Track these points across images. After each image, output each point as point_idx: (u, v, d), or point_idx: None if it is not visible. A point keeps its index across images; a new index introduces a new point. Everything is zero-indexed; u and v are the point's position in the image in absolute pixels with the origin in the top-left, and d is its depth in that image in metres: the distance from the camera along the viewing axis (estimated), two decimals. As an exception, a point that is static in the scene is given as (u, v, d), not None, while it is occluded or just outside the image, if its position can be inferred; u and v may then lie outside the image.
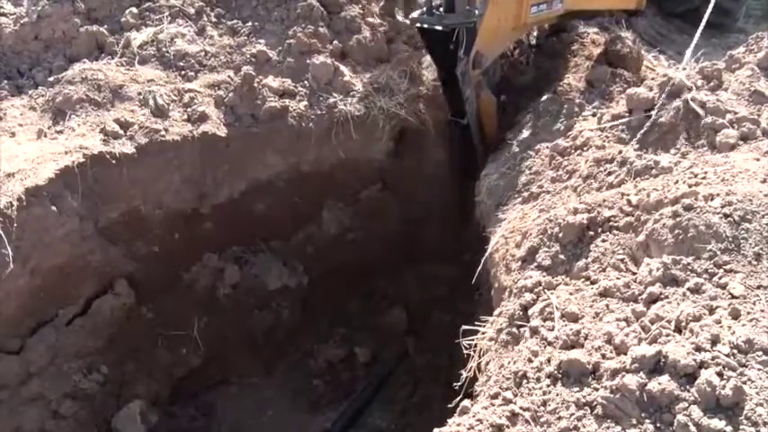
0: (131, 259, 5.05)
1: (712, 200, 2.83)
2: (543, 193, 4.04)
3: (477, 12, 4.46)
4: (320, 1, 5.74)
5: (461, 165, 5.52)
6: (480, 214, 4.69)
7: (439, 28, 4.50)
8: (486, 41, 4.72)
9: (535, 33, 6.22)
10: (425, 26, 4.62)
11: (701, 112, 3.74)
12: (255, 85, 5.17)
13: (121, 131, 4.71)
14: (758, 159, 3.29)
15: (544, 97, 4.97)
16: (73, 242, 4.50)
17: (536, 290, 3.06)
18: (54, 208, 4.28)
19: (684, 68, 4.32)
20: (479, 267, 4.03)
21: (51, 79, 5.08)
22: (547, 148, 4.36)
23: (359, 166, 5.65)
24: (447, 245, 6.05)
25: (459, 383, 3.27)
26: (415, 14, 4.85)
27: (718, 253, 2.66)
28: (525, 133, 4.75)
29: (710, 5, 5.06)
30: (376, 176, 5.87)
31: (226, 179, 5.29)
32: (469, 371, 3.28)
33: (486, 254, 4.02)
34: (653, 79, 4.64)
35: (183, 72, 5.38)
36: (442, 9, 4.54)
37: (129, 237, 4.97)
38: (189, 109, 5.07)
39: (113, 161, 4.56)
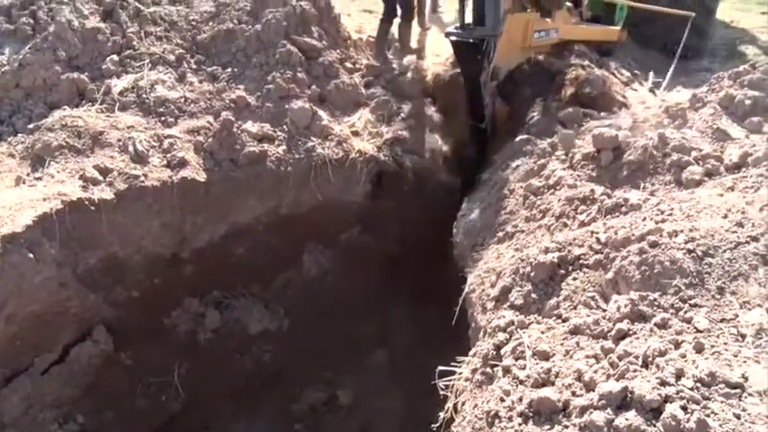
0: (110, 305, 5.03)
1: (676, 236, 2.89)
2: (518, 232, 4.10)
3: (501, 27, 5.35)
4: (298, 47, 5.86)
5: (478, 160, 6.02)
6: (457, 254, 4.73)
7: (470, 40, 5.34)
8: (502, 56, 5.67)
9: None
10: (458, 39, 5.48)
11: (667, 149, 3.85)
12: (234, 130, 5.24)
13: (101, 178, 4.74)
14: (722, 195, 3.38)
15: (518, 137, 5.07)
16: (50, 289, 4.49)
17: (509, 329, 3.09)
18: (31, 255, 4.27)
19: (650, 107, 4.45)
20: (458, 308, 4.05)
21: (31, 126, 5.12)
22: (521, 187, 4.44)
23: (338, 208, 5.71)
24: (429, 285, 6.06)
25: (437, 425, 3.27)
26: (449, 29, 5.67)
27: (683, 288, 2.71)
28: (500, 173, 4.83)
29: (680, 47, 6.76)
30: (355, 219, 5.92)
31: (206, 223, 5.32)
32: (446, 411, 3.28)
33: (463, 294, 4.05)
34: (623, 118, 4.76)
35: (162, 118, 5.44)
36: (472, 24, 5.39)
37: (108, 283, 4.96)
38: (168, 155, 5.11)
39: (92, 207, 4.58)
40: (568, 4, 6.80)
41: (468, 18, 5.46)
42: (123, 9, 6.14)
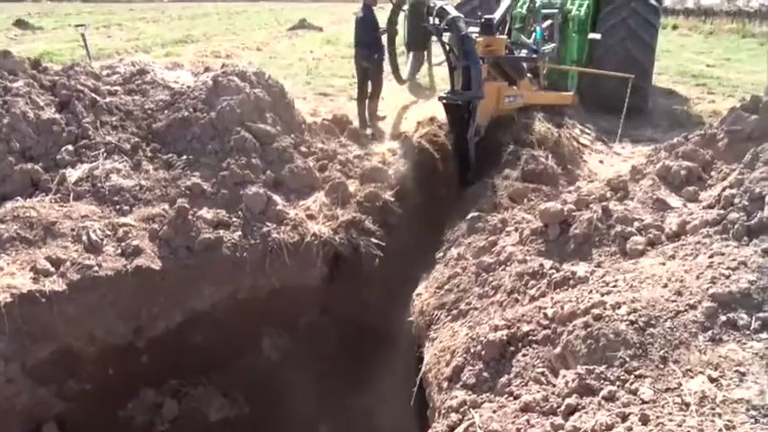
0: (62, 399, 4.90)
1: (619, 308, 2.97)
2: (472, 309, 4.15)
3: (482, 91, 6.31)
4: (253, 133, 5.99)
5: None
6: (415, 333, 4.75)
7: (459, 102, 6.27)
8: (482, 117, 6.60)
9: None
10: (449, 102, 6.41)
11: (611, 221, 3.99)
12: (190, 217, 5.27)
13: (53, 269, 4.70)
14: (663, 264, 3.50)
15: (470, 215, 5.20)
16: (-3, 385, 4.36)
17: (461, 409, 3.09)
18: (-23, 351, 4.17)
19: (594, 181, 4.62)
20: (415, 388, 4.04)
21: (-18, 218, 5.08)
22: (473, 264, 4.52)
23: (295, 292, 5.70)
24: (391, 365, 6.02)
25: None
26: (442, 94, 6.63)
27: (628, 359, 2.77)
28: (453, 251, 4.92)
29: (624, 111, 8.54)
30: (313, 302, 5.91)
31: (162, 311, 5.27)
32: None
33: (420, 374, 4.05)
34: (569, 192, 4.94)
35: (117, 206, 5.46)
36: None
37: (59, 376, 4.84)
38: (123, 243, 5.10)
39: (43, 299, 4.51)
40: (529, 75, 8.00)
41: (457, 85, 6.44)
42: (79, 100, 6.24)
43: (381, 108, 9.67)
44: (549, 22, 9.76)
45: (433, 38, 7.28)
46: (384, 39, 9.27)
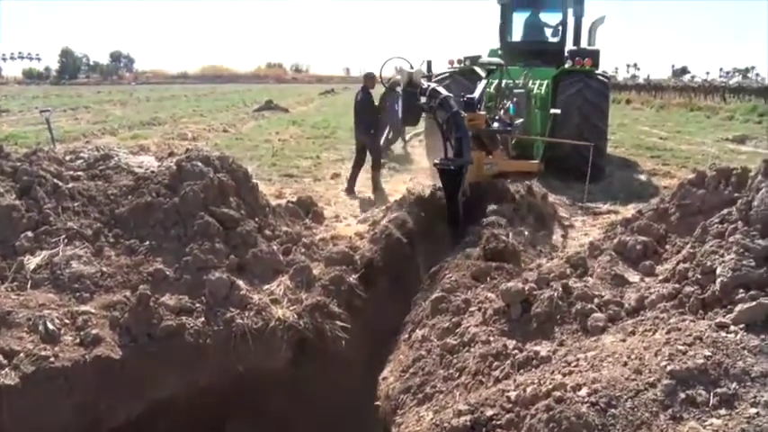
0: (10, 502, 4.64)
1: (580, 389, 2.98)
2: (437, 393, 4.11)
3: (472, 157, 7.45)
4: (216, 218, 6.00)
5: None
6: (381, 419, 4.67)
7: (452, 167, 7.16)
8: (469, 179, 7.59)
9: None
10: (444, 167, 7.25)
11: (572, 298, 4.05)
12: (151, 304, 5.19)
13: (5, 361, 4.55)
14: (624, 340, 3.55)
15: (433, 295, 5.21)
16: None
17: (427, 498, 3.03)
18: None
19: (554, 258, 4.70)
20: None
21: (-66, 311, 4.94)
22: (438, 346, 4.51)
23: (260, 378, 5.59)
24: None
25: None
26: (436, 160, 7.52)
27: (591, 443, 2.76)
28: (418, 332, 4.91)
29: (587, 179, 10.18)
30: (279, 387, 5.80)
31: (122, 402, 5.09)
32: None
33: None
34: (530, 270, 5.01)
35: (77, 294, 5.36)
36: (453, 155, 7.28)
37: (9, 476, 4.61)
38: (82, 332, 4.98)
39: (-6, 395, 4.35)
40: (501, 146, 9.38)
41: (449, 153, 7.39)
42: (41, 186, 6.21)
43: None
44: (515, 99, 11.05)
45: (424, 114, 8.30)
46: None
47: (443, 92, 7.51)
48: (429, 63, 8.66)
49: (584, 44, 15.13)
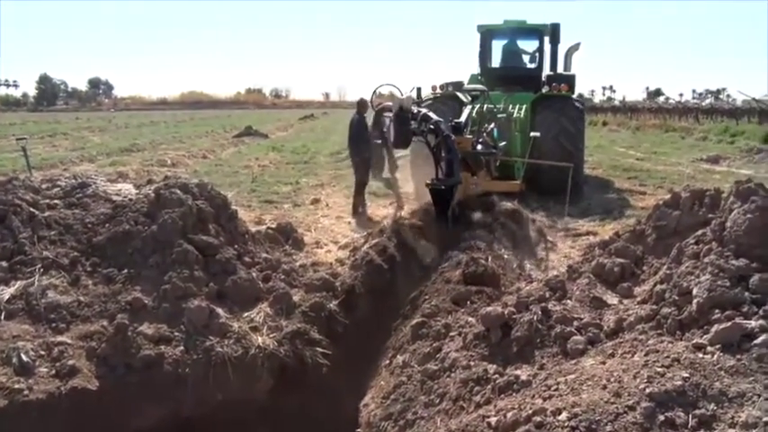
0: None
1: (560, 414, 2.98)
2: (418, 419, 4.09)
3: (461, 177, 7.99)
4: (195, 245, 5.96)
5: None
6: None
7: (443, 187, 7.68)
8: (458, 197, 8.07)
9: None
10: (435, 187, 7.73)
11: (551, 322, 4.06)
12: (129, 333, 5.14)
13: (-23, 396, 4.46)
14: (603, 363, 3.56)
15: (414, 320, 5.21)
16: None
17: None
18: None
19: (533, 282, 4.72)
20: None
21: None
22: (419, 372, 4.49)
23: (241, 406, 5.53)
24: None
25: None
26: (427, 181, 7.90)
27: (572, 469, 2.75)
28: (399, 358, 4.89)
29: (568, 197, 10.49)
30: (260, 415, 5.73)
31: (99, 434, 5.00)
32: None
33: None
34: (510, 294, 5.02)
35: (53, 324, 5.29)
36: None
37: None
38: (58, 363, 4.90)
39: (-36, 431, 4.26)
40: (484, 168, 9.73)
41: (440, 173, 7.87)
42: (17, 214, 6.15)
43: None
44: (497, 123, 11.72)
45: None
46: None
47: (434, 117, 7.97)
48: (419, 90, 9.60)
49: (560, 70, 15.50)
